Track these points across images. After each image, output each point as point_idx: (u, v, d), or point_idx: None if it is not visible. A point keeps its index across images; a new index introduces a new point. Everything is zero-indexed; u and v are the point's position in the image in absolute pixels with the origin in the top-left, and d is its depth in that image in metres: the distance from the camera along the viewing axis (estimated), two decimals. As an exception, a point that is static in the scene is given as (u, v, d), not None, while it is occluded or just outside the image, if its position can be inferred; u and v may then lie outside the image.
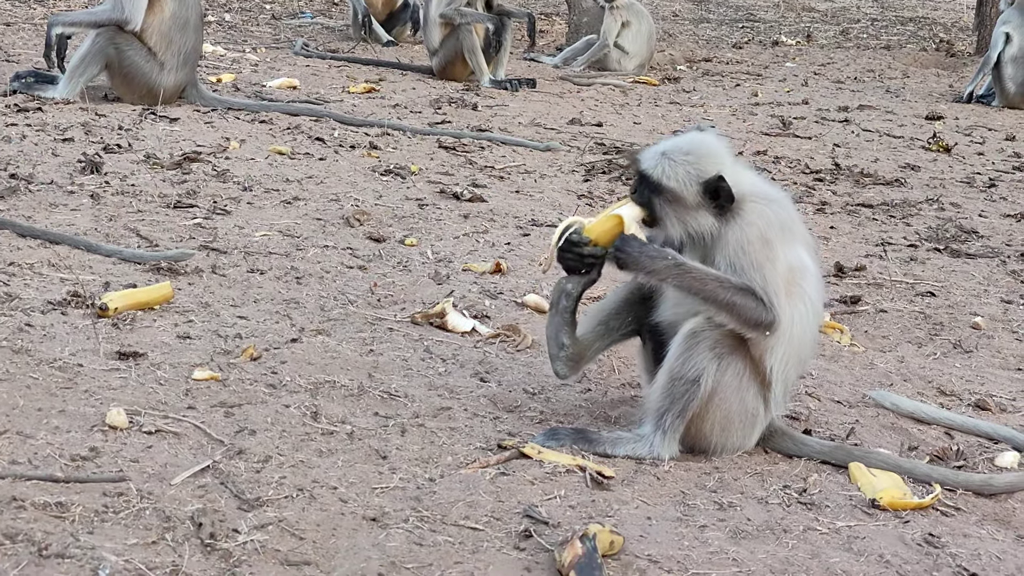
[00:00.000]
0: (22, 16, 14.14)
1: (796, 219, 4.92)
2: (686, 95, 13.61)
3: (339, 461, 4.52)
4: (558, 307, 5.03)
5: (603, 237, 4.88)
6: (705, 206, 4.74)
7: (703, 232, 4.76)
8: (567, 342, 5.04)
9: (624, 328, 5.13)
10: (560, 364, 5.08)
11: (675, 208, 4.75)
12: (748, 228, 4.71)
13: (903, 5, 24.61)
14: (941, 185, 10.09)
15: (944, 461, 5.08)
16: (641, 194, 4.81)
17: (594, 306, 5.27)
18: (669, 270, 4.70)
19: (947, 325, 6.74)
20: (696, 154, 4.79)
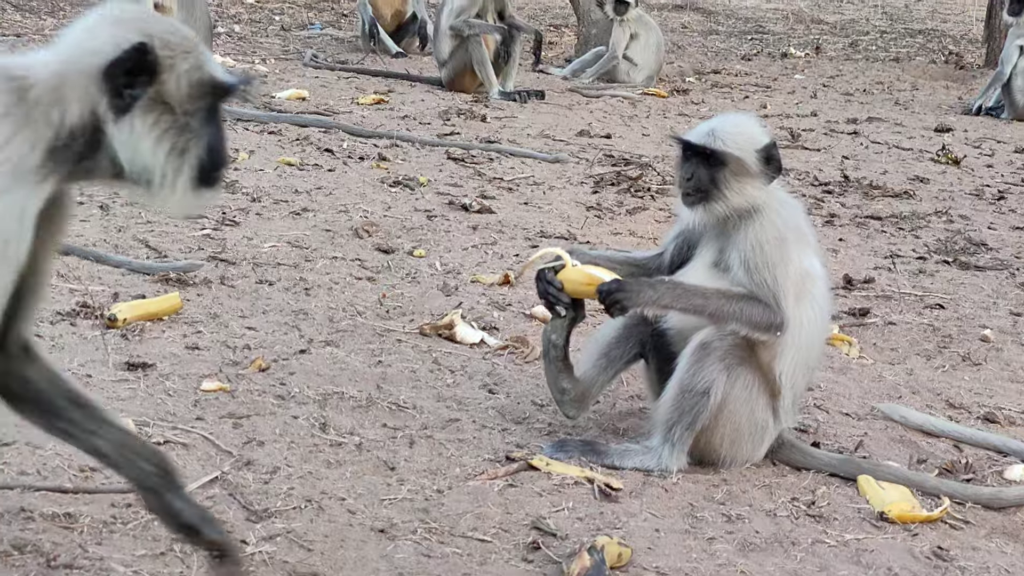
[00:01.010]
0: (32, 28, 14.18)
1: (809, 226, 4.97)
2: (695, 107, 13.61)
3: (347, 472, 4.53)
4: (548, 356, 5.06)
5: (573, 290, 4.91)
6: (761, 173, 4.82)
7: (749, 206, 4.78)
8: (567, 386, 5.06)
9: (627, 356, 5.14)
10: (567, 407, 5.10)
11: (737, 177, 4.79)
12: (766, 227, 4.76)
13: (912, 17, 24.61)
14: (950, 197, 10.08)
15: (953, 474, 5.07)
16: (699, 177, 4.80)
17: (592, 339, 5.26)
18: (671, 293, 4.73)
19: (956, 338, 6.73)
20: (743, 125, 4.93)
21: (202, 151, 3.13)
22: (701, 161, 4.81)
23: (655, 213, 8.78)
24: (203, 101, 3.13)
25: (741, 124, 4.94)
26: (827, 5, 25.83)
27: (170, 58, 3.07)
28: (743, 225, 4.78)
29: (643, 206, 8.95)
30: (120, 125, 3.05)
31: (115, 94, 3.02)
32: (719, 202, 4.78)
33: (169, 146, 3.08)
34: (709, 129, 4.85)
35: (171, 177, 3.10)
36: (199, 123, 3.12)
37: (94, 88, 3.02)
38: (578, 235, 8.03)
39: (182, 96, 3.09)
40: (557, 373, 5.04)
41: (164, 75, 3.06)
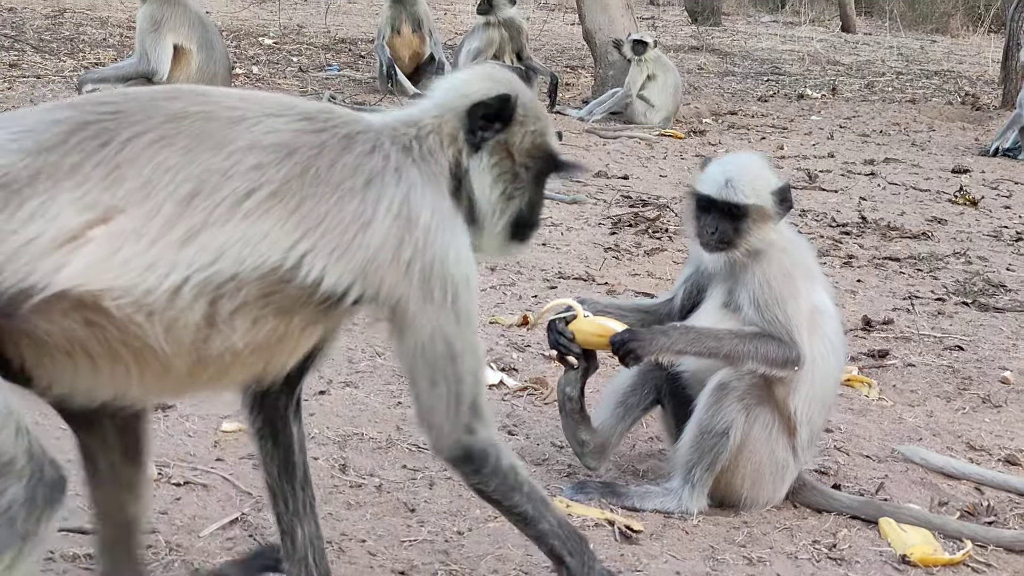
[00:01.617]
0: (52, 68, 14.25)
1: (816, 263, 4.98)
2: (712, 148, 13.62)
3: (367, 514, 4.52)
4: (565, 409, 5.06)
5: (585, 340, 4.92)
6: (778, 214, 4.83)
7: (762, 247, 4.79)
8: (586, 438, 5.06)
9: (644, 403, 5.14)
10: (587, 459, 5.10)
11: (757, 223, 4.81)
12: (773, 264, 4.79)
13: (928, 58, 24.65)
14: (968, 239, 10.08)
15: (974, 517, 5.05)
16: (723, 230, 4.80)
17: (608, 388, 5.26)
18: (684, 337, 4.73)
19: (976, 379, 6.71)
20: (757, 170, 4.91)
21: (524, 204, 3.56)
22: (723, 214, 4.80)
23: (673, 254, 8.78)
24: (537, 163, 3.56)
25: (754, 169, 4.92)
26: (843, 46, 25.89)
27: (523, 116, 3.53)
28: (751, 264, 4.79)
29: (661, 247, 8.96)
30: (473, 160, 3.48)
31: (472, 130, 3.47)
32: (740, 248, 4.79)
33: (502, 188, 3.52)
34: (725, 179, 4.82)
35: (496, 217, 3.53)
36: (529, 180, 3.56)
37: (459, 124, 3.48)
38: (596, 276, 8.03)
39: (523, 151, 3.53)
40: (575, 426, 5.04)
41: (515, 127, 3.52)
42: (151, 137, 3.03)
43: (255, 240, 3.03)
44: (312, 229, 3.11)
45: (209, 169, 3.04)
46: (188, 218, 2.99)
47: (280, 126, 3.17)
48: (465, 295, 3.31)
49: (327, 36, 20.39)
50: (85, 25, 18.31)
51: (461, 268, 3.31)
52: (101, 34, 17.52)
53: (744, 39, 25.94)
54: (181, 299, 2.97)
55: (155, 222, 2.96)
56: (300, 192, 3.11)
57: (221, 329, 3.06)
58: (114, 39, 17.11)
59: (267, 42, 19.06)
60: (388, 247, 3.20)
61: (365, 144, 3.28)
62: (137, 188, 2.97)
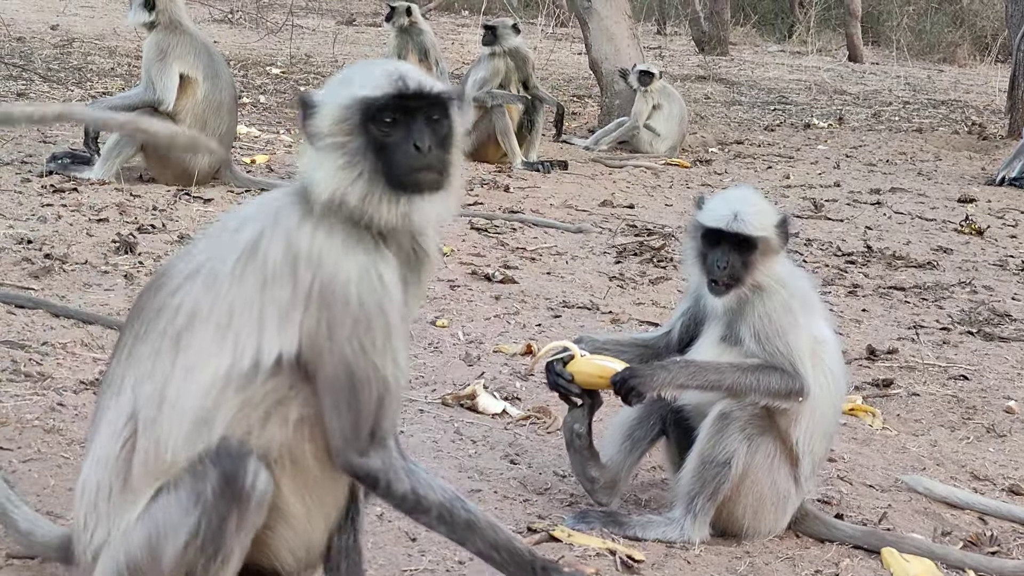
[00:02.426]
0: (60, 98, 14.30)
1: (814, 295, 4.98)
2: (718, 177, 13.64)
3: (368, 543, 4.50)
4: (573, 446, 5.04)
5: (585, 381, 4.92)
6: (781, 246, 4.82)
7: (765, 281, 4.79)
8: (596, 475, 5.05)
9: (650, 435, 5.13)
10: (598, 495, 5.09)
11: (764, 256, 4.81)
12: (773, 297, 4.78)
13: (935, 88, 24.67)
14: (974, 268, 10.07)
15: (978, 547, 5.03)
16: (732, 264, 4.79)
17: (614, 423, 5.23)
18: (685, 371, 4.73)
19: (980, 409, 6.69)
20: (758, 203, 4.90)
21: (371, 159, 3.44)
22: (732, 247, 4.80)
23: (677, 283, 8.78)
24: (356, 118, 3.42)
25: (756, 202, 4.91)
26: (850, 76, 25.92)
27: (323, 97, 3.46)
28: (749, 298, 4.78)
29: (666, 276, 8.96)
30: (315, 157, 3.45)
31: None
32: (747, 284, 4.78)
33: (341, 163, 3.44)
34: (733, 213, 4.81)
35: (349, 184, 3.43)
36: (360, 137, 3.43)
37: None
38: (600, 305, 8.03)
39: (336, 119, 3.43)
40: (584, 462, 5.03)
41: (320, 110, 3.43)
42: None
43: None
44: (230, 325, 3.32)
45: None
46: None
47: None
48: (365, 320, 3.30)
49: (334, 65, 20.44)
50: (93, 54, 18.38)
51: (356, 290, 3.30)
52: (109, 63, 17.58)
53: (751, 68, 25.98)
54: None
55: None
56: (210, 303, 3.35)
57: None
58: (122, 68, 17.17)
59: (275, 71, 19.12)
60: (285, 292, 3.29)
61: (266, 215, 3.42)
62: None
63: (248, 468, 3.28)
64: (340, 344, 3.29)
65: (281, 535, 3.48)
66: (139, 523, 3.36)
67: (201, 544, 3.27)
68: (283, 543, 3.50)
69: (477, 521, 3.38)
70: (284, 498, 3.42)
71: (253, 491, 3.28)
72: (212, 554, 3.27)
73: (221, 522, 3.25)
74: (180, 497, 3.30)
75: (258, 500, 3.29)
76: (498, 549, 3.39)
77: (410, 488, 3.35)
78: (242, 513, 3.28)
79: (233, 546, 3.29)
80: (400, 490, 3.36)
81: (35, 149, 11.03)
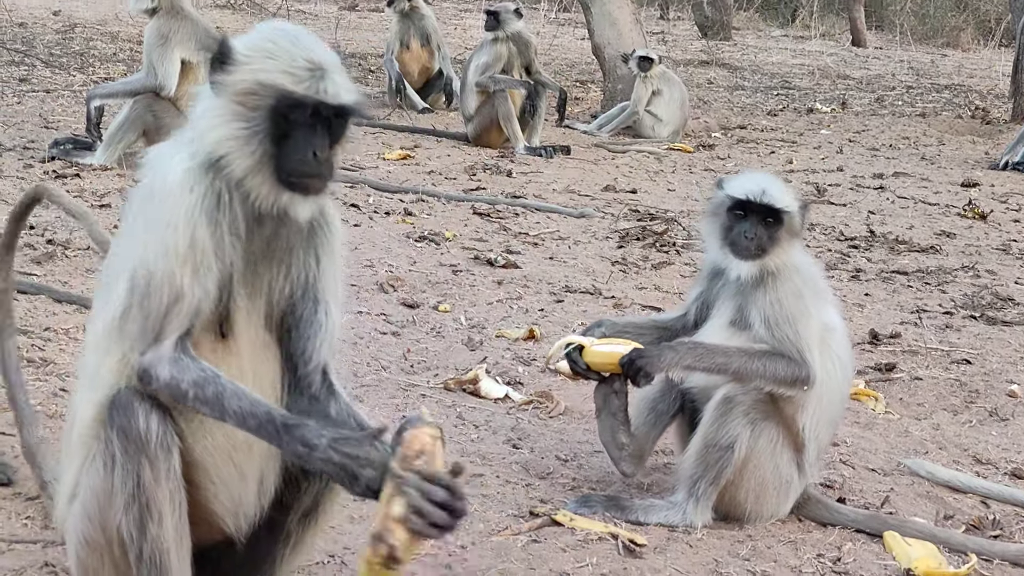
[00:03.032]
0: (62, 83, 14.29)
1: (824, 282, 4.99)
2: (721, 162, 13.62)
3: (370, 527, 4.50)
4: (608, 408, 5.02)
5: (598, 366, 4.95)
6: (800, 229, 4.87)
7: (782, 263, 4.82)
8: (626, 440, 5.04)
9: (673, 408, 5.13)
10: (624, 464, 5.07)
11: (789, 233, 4.86)
12: (785, 283, 4.79)
13: (938, 72, 24.63)
14: (977, 252, 10.05)
15: (980, 530, 5.03)
16: (759, 235, 4.80)
17: (638, 396, 5.20)
18: (692, 353, 4.74)
19: (983, 393, 6.69)
20: (781, 185, 4.92)
21: (269, 146, 3.43)
22: (760, 220, 4.81)
23: (680, 268, 8.78)
24: (267, 102, 3.39)
25: (778, 183, 4.95)
26: (853, 61, 25.88)
27: (246, 56, 3.41)
28: (760, 283, 4.79)
29: (668, 261, 8.95)
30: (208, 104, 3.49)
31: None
32: (770, 258, 4.80)
33: (234, 130, 3.45)
34: (761, 187, 4.85)
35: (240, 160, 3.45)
36: (265, 121, 3.42)
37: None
38: (603, 290, 8.03)
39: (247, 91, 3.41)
40: (616, 428, 5.01)
41: (238, 68, 3.41)
42: None
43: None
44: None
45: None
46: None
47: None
48: (130, 215, 3.42)
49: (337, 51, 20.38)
50: (95, 40, 18.36)
51: (141, 194, 3.42)
52: (111, 49, 17.57)
53: (754, 53, 25.94)
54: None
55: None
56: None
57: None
58: (124, 54, 17.15)
59: (277, 57, 19.07)
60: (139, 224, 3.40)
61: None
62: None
63: (138, 415, 3.29)
64: (144, 251, 3.33)
65: (207, 493, 3.48)
66: (75, 499, 3.44)
67: (125, 504, 3.30)
68: (213, 502, 3.51)
69: (223, 392, 3.29)
70: (196, 450, 3.42)
71: (150, 434, 3.29)
72: (140, 512, 3.30)
73: (136, 477, 3.28)
74: (97, 465, 3.35)
75: (159, 443, 3.30)
76: (247, 416, 3.29)
77: (169, 376, 3.31)
78: (152, 461, 3.29)
79: (158, 498, 3.31)
80: (163, 378, 3.31)
81: (37, 135, 11.02)
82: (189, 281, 3.30)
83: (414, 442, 3.27)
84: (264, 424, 3.27)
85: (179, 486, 3.36)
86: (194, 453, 3.43)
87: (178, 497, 3.36)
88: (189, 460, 3.41)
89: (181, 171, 3.36)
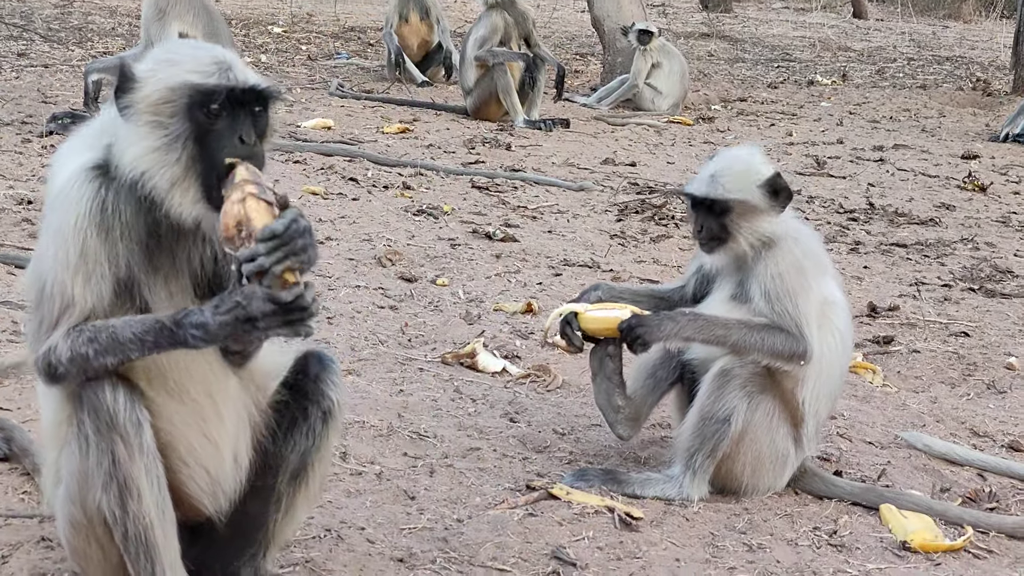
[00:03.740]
0: (60, 58, 14.27)
1: (825, 255, 4.96)
2: (720, 135, 13.61)
3: (367, 501, 4.52)
4: (604, 372, 5.03)
5: (597, 331, 4.94)
6: (770, 207, 4.79)
7: (764, 239, 4.78)
8: (622, 403, 5.04)
9: (672, 376, 5.12)
10: (621, 427, 5.07)
11: (747, 218, 4.79)
12: (785, 257, 4.76)
13: (939, 44, 24.58)
14: (976, 225, 10.05)
15: (976, 503, 5.04)
16: (709, 227, 4.80)
17: (637, 362, 5.22)
18: (692, 324, 4.73)
19: (981, 366, 6.69)
20: (743, 161, 4.87)
21: (190, 155, 3.40)
22: (708, 211, 4.81)
23: (679, 241, 8.77)
24: (182, 103, 3.37)
25: (740, 161, 4.89)
26: (854, 33, 25.83)
27: (148, 72, 3.40)
28: (761, 257, 4.78)
29: (667, 234, 8.94)
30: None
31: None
32: (734, 244, 4.79)
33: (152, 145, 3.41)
34: (710, 175, 4.83)
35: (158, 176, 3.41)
36: (182, 127, 3.38)
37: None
38: (601, 263, 8.02)
39: (158, 101, 3.39)
40: (612, 390, 5.02)
41: (143, 86, 3.38)
42: None
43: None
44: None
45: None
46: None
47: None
48: (46, 221, 3.43)
49: (336, 24, 20.40)
50: (94, 14, 18.34)
51: (48, 196, 3.45)
52: (110, 23, 17.55)
53: (755, 25, 25.89)
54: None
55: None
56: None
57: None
58: (123, 28, 17.14)
59: (276, 30, 19.08)
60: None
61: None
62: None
63: (105, 392, 3.31)
64: (42, 258, 3.39)
65: (182, 475, 3.51)
66: (59, 484, 3.47)
67: (104, 483, 3.32)
68: (189, 484, 3.54)
69: (116, 331, 3.30)
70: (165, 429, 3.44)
71: (118, 408, 3.31)
72: (119, 490, 3.32)
73: (111, 455, 3.31)
74: (72, 448, 3.37)
75: (128, 417, 3.32)
76: (143, 337, 3.29)
77: (68, 349, 3.31)
78: (123, 437, 3.31)
79: (134, 474, 3.33)
80: (63, 355, 3.30)
81: (35, 110, 11.01)
82: (80, 290, 3.32)
83: (237, 175, 3.26)
84: (159, 333, 3.29)
85: (155, 460, 3.37)
86: (164, 433, 3.44)
87: (155, 471, 3.38)
88: (162, 441, 3.42)
89: (73, 177, 3.38)
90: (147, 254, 3.41)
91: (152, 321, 3.30)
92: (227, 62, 3.39)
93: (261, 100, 3.41)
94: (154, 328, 3.28)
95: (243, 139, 3.33)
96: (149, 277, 3.42)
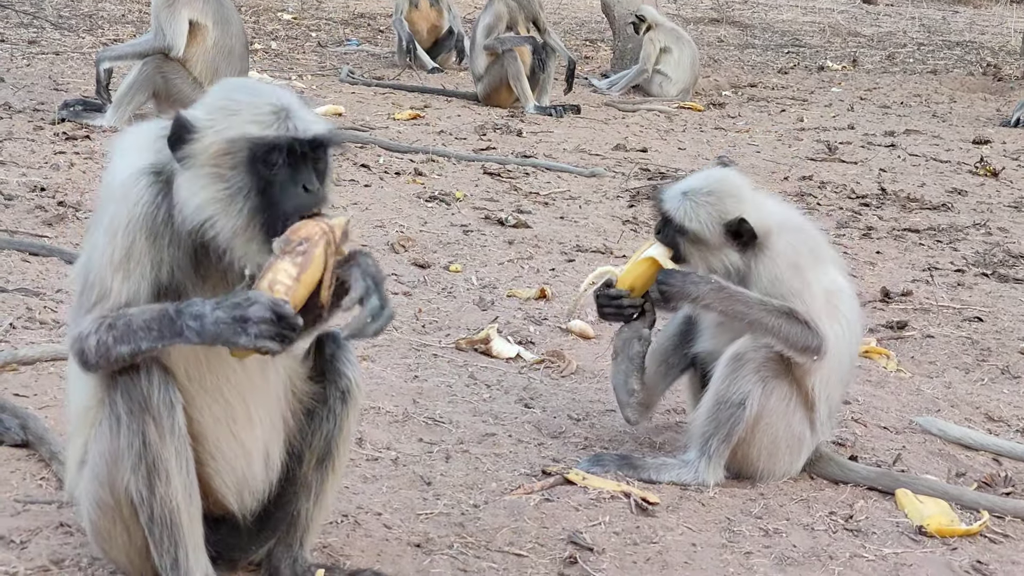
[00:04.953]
0: (71, 45, 14.27)
1: (822, 242, 4.93)
2: (731, 120, 13.59)
3: (384, 487, 4.53)
4: (627, 353, 5.01)
5: (638, 283, 4.89)
6: (729, 245, 4.74)
7: (729, 268, 4.76)
8: (636, 387, 5.04)
9: (683, 362, 5.12)
10: (631, 411, 5.07)
11: (699, 248, 4.76)
12: (778, 259, 4.72)
13: (950, 29, 24.51)
14: (988, 210, 10.03)
15: (992, 487, 5.04)
16: (666, 235, 4.80)
17: (649, 348, 5.22)
18: (714, 294, 4.68)
19: (995, 351, 6.69)
20: (717, 194, 4.78)
21: (252, 200, 3.41)
22: (668, 222, 4.81)
23: (691, 227, 8.75)
24: (239, 156, 3.38)
25: (716, 193, 4.80)
26: (864, 18, 25.76)
27: (208, 122, 3.39)
28: (753, 262, 4.74)
29: (679, 220, 8.92)
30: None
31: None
32: (688, 262, 4.79)
33: (212, 194, 3.41)
34: (682, 192, 4.80)
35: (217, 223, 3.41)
36: (240, 175, 3.40)
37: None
38: (614, 249, 8.02)
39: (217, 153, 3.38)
40: (631, 371, 5.01)
41: (201, 138, 3.37)
42: None
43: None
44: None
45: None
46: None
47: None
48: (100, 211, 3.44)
49: (346, 11, 20.38)
50: (104, 1, 18.32)
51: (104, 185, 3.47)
52: (120, 10, 17.54)
53: (765, 11, 25.82)
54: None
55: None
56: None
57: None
58: (133, 15, 17.13)
59: (286, 17, 19.06)
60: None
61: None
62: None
63: (140, 374, 3.34)
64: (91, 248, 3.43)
65: (209, 469, 3.54)
66: (85, 465, 3.49)
67: (133, 464, 3.35)
68: (215, 479, 3.56)
69: (131, 319, 3.31)
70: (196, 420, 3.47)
71: (152, 390, 3.34)
72: (148, 471, 3.35)
73: (142, 436, 3.33)
74: (103, 429, 3.40)
75: (161, 399, 3.34)
76: (151, 325, 3.30)
77: (95, 338, 3.33)
78: (156, 419, 3.34)
79: (164, 456, 3.35)
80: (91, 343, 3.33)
81: (47, 97, 11.01)
82: (118, 285, 3.35)
83: (300, 228, 3.28)
84: (163, 321, 3.29)
85: (185, 444, 3.39)
86: (195, 423, 3.46)
87: (184, 454, 3.39)
88: (192, 431, 3.44)
89: (133, 177, 3.39)
90: (195, 263, 3.43)
91: (160, 309, 3.31)
92: (286, 108, 3.36)
93: (320, 146, 3.39)
94: (159, 316, 3.29)
95: (307, 188, 3.34)
96: (196, 285, 3.44)
